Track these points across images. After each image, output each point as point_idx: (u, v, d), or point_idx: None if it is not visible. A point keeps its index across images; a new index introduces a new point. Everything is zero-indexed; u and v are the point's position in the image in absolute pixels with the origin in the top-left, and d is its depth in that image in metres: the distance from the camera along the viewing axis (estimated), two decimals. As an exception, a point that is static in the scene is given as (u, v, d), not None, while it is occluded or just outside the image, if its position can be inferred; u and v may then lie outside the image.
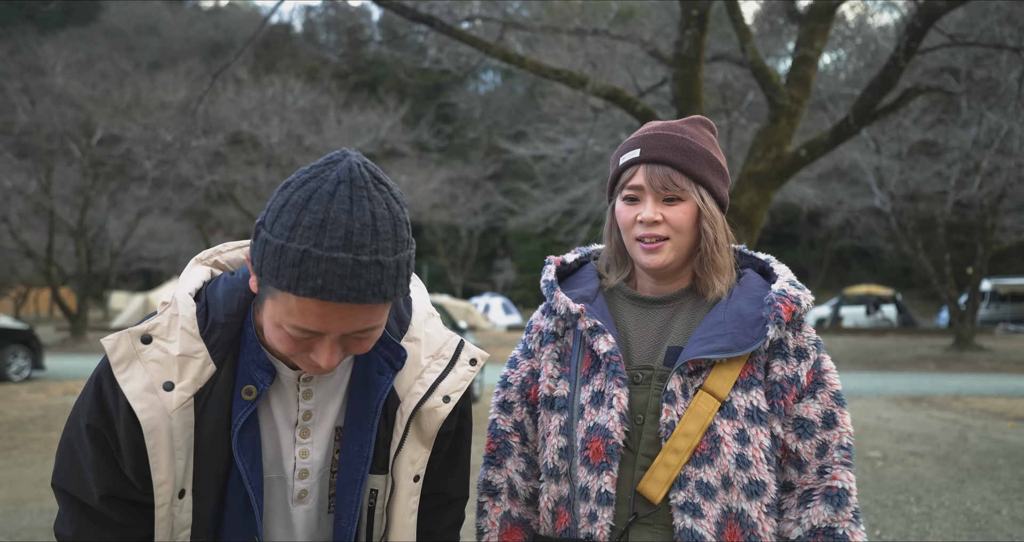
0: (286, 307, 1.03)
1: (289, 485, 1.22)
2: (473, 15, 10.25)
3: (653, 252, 1.37)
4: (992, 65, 11.18)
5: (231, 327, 1.16)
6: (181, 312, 1.15)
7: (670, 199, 1.37)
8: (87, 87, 21.64)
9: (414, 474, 1.25)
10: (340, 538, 1.22)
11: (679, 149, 1.37)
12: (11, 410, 9.69)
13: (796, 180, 19.43)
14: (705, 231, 1.38)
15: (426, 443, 1.26)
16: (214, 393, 1.14)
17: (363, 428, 1.21)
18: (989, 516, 5.23)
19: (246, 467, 1.15)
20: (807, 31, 7.86)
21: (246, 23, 38.22)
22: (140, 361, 1.12)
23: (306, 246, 0.98)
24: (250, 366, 1.16)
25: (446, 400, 1.24)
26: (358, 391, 1.22)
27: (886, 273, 36.30)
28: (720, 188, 1.41)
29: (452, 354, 1.29)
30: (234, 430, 1.14)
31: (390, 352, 1.22)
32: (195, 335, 1.14)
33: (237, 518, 1.18)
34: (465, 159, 34.14)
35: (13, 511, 5.26)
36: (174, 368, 1.12)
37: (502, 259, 40.97)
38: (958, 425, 8.78)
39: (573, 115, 18.73)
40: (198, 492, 1.15)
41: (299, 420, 1.21)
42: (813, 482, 1.35)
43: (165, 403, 1.10)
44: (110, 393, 1.13)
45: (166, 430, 1.10)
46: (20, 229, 22.27)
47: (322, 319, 1.02)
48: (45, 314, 38.69)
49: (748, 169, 7.75)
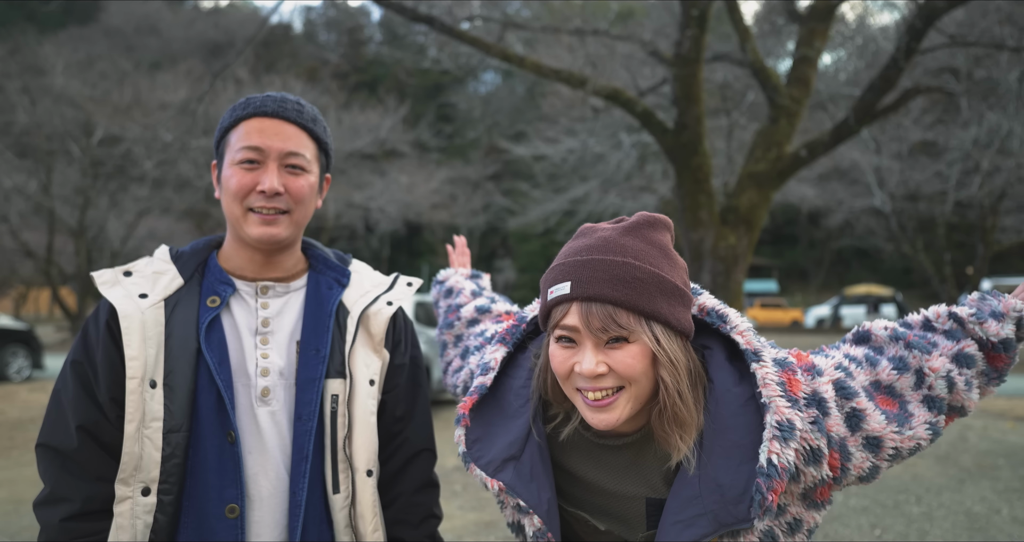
0: (238, 136, 1.37)
1: (252, 384, 1.36)
2: (473, 15, 10.25)
3: (602, 410, 1.10)
4: (992, 65, 11.18)
5: (197, 255, 1.45)
6: (156, 254, 1.45)
7: (615, 339, 1.09)
8: (87, 87, 21.63)
9: (369, 377, 1.41)
10: (300, 434, 1.34)
11: (620, 279, 1.08)
12: (11, 410, 9.69)
13: (796, 180, 19.44)
14: (663, 380, 1.09)
15: (376, 349, 1.44)
16: (182, 301, 1.37)
17: (318, 332, 1.40)
18: (989, 516, 5.23)
19: (214, 362, 1.32)
20: (807, 31, 7.86)
21: (246, 23, 38.20)
22: (121, 285, 1.38)
23: (246, 98, 1.42)
24: (213, 282, 1.41)
25: (389, 304, 1.48)
26: (311, 305, 1.44)
27: (886, 273, 36.27)
28: (680, 317, 1.11)
29: (390, 281, 1.55)
30: (201, 328, 1.34)
31: (336, 273, 1.49)
32: (166, 260, 1.43)
33: (211, 416, 1.31)
34: (465, 159, 34.14)
35: (13, 511, 5.26)
36: (148, 283, 1.38)
37: (502, 259, 40.95)
38: (958, 425, 8.78)
39: (573, 115, 18.74)
40: (168, 386, 1.30)
41: (258, 327, 1.40)
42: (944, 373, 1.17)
43: (139, 305, 1.34)
44: (92, 323, 1.36)
45: (139, 320, 1.32)
46: (20, 229, 22.26)
47: (262, 134, 1.36)
48: (45, 314, 38.68)
49: (748, 169, 7.75)
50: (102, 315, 1.36)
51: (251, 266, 1.44)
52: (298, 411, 1.35)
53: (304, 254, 1.52)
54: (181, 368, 1.30)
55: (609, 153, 18.10)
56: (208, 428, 1.30)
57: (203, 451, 1.30)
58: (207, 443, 1.30)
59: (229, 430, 1.30)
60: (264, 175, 1.36)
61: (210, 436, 1.30)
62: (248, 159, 1.36)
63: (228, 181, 1.37)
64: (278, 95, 1.42)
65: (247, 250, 1.43)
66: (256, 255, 1.43)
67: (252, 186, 1.36)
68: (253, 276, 1.44)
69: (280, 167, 1.38)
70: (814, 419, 1.09)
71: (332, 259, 1.52)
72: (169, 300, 1.36)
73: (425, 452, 1.52)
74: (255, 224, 1.38)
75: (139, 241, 26.45)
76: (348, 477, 1.37)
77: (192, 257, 1.44)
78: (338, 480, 1.36)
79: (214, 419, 1.30)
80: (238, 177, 1.37)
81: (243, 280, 1.43)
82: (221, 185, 1.41)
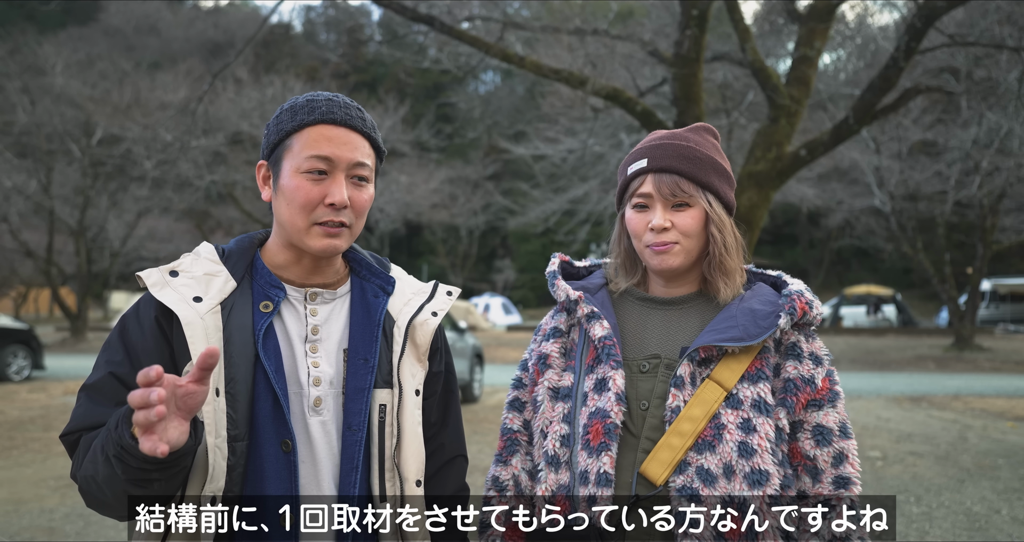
0: (303, 143, 1.33)
1: (305, 393, 1.34)
2: (473, 15, 10.25)
3: (664, 254, 1.41)
4: (992, 65, 11.17)
5: (244, 255, 1.40)
6: (202, 252, 1.40)
7: (678, 205, 1.41)
8: (87, 87, 21.63)
9: (415, 387, 1.41)
10: (350, 444, 1.33)
11: (685, 157, 1.41)
12: (11, 410, 9.69)
13: (796, 180, 19.43)
14: (713, 235, 1.41)
15: (420, 359, 1.43)
16: (236, 305, 1.33)
17: (367, 342, 1.38)
18: (989, 516, 5.23)
19: (272, 369, 1.30)
20: (807, 31, 7.86)
21: (246, 23, 38.17)
22: (170, 287, 1.32)
23: (306, 98, 1.37)
24: (264, 286, 1.38)
25: (434, 315, 1.46)
26: (359, 313, 1.42)
27: (886, 273, 36.28)
28: (726, 192, 1.45)
29: (431, 289, 1.52)
30: (258, 335, 1.31)
31: (381, 280, 1.46)
32: (215, 261, 1.38)
33: (268, 425, 1.29)
34: (465, 159, 34.11)
35: (13, 511, 5.26)
36: (201, 285, 1.33)
37: (502, 259, 40.93)
38: (958, 425, 8.78)
39: (573, 115, 18.73)
40: (230, 394, 1.27)
41: (308, 334, 1.38)
42: (830, 492, 1.37)
43: (197, 309, 1.29)
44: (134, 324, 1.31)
45: (201, 327, 1.27)
46: (20, 229, 22.29)
47: (332, 142, 1.33)
48: (45, 314, 38.68)
49: (748, 169, 7.75)
50: (148, 314, 1.31)
51: (299, 270, 1.41)
52: (348, 421, 1.33)
53: (343, 257, 1.49)
54: (242, 375, 1.28)
55: (609, 153, 18.10)
56: (265, 436, 1.29)
57: (260, 459, 1.28)
58: (264, 451, 1.28)
59: (285, 439, 1.29)
60: (333, 187, 1.32)
61: (266, 444, 1.28)
62: (318, 169, 1.32)
63: (294, 192, 1.33)
64: (339, 99, 1.38)
65: (297, 254, 1.40)
66: (305, 260, 1.40)
67: (320, 198, 1.32)
68: (301, 281, 1.41)
69: (346, 178, 1.34)
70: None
71: (375, 265, 1.48)
72: (225, 304, 1.32)
73: (459, 458, 1.52)
74: (319, 236, 1.34)
75: (139, 241, 26.47)
76: (396, 486, 1.36)
77: (240, 257, 1.40)
78: (385, 489, 1.35)
79: (270, 427, 1.29)
80: (305, 189, 1.32)
81: (291, 285, 1.40)
82: (279, 191, 1.36)
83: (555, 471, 1.42)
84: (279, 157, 1.36)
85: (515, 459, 1.54)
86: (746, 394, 1.34)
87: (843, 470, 1.38)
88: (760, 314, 1.38)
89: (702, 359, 1.37)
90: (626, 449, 1.37)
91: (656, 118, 8.05)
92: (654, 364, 1.41)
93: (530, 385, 1.55)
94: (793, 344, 1.40)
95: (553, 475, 1.42)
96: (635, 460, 1.36)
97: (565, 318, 1.53)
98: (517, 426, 1.55)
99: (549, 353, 1.51)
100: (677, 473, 1.32)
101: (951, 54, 11.48)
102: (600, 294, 1.50)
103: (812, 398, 1.39)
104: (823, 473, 1.38)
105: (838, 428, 1.39)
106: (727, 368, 1.36)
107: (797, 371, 1.38)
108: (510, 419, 1.56)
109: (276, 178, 1.37)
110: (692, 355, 1.36)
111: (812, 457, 1.38)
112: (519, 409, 1.56)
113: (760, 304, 1.40)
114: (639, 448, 1.36)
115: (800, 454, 1.39)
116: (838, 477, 1.38)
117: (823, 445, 1.38)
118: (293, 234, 1.36)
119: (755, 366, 1.36)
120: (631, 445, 1.37)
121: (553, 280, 1.52)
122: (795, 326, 1.41)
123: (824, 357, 1.41)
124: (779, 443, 1.36)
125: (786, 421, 1.38)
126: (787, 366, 1.39)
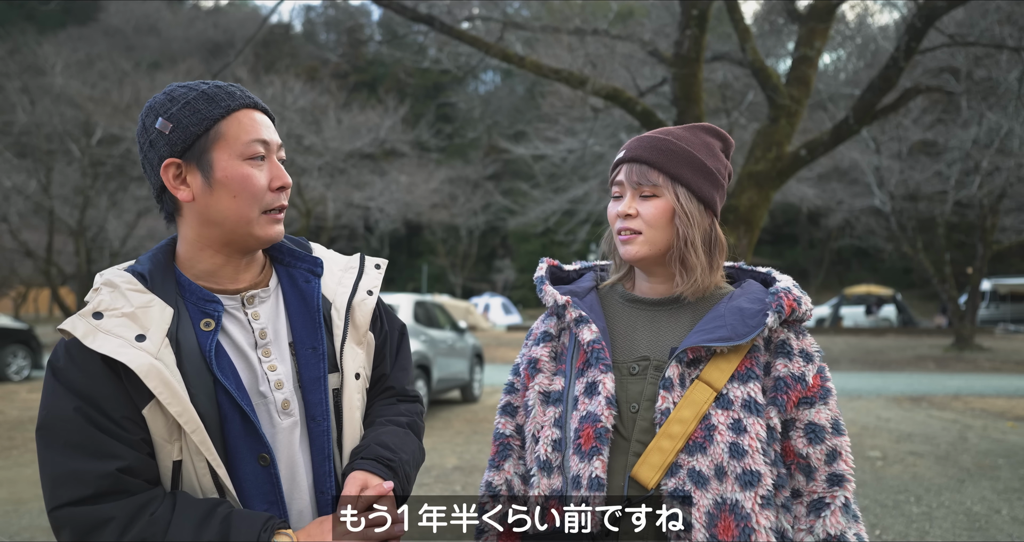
0: (238, 129, 1.25)
1: (271, 400, 1.30)
2: (473, 15, 10.25)
3: (628, 244, 1.43)
4: (992, 65, 11.18)
5: (167, 274, 1.29)
6: (118, 282, 1.25)
7: (647, 196, 1.42)
8: (87, 87, 21.63)
9: (355, 371, 1.38)
10: (318, 435, 1.31)
11: (658, 149, 1.42)
12: (11, 410, 9.69)
13: (796, 180, 19.43)
14: (677, 228, 1.41)
15: (360, 340, 1.41)
16: (180, 332, 1.23)
17: (311, 329, 1.34)
18: (989, 516, 5.23)
19: (233, 387, 1.23)
20: (807, 31, 7.86)
21: (246, 23, 38.17)
22: (101, 332, 1.18)
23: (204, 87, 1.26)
24: (197, 302, 1.28)
25: (370, 293, 1.43)
26: (295, 303, 1.37)
27: (886, 273, 36.29)
28: (702, 188, 1.42)
29: (358, 263, 1.47)
30: (209, 357, 1.23)
31: (308, 263, 1.40)
32: (141, 290, 1.24)
33: (240, 442, 1.24)
34: (465, 159, 34.12)
35: (13, 511, 5.26)
36: (136, 322, 1.20)
37: (502, 259, 40.95)
38: (958, 425, 8.78)
39: (573, 115, 18.73)
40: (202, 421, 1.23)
41: (257, 340, 1.32)
42: (823, 490, 1.37)
43: (148, 349, 1.17)
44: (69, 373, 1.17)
45: (158, 371, 1.16)
46: (20, 229, 22.30)
47: (261, 124, 1.27)
48: (45, 314, 38.67)
49: (748, 169, 7.74)
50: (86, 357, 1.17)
51: (229, 271, 1.32)
52: (311, 413, 1.31)
53: None
54: (203, 403, 1.21)
55: (609, 153, 18.09)
56: (240, 456, 1.25)
57: (239, 481, 1.25)
58: (241, 471, 1.25)
59: (262, 453, 1.25)
60: (276, 170, 1.29)
61: (244, 464, 1.25)
62: (259, 155, 1.26)
63: (244, 180, 1.24)
64: (236, 86, 1.31)
65: (226, 256, 1.31)
66: (232, 259, 1.31)
67: (268, 183, 1.27)
68: (232, 286, 1.33)
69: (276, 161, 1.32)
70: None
71: (296, 248, 1.41)
72: (170, 334, 1.21)
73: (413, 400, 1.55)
74: (268, 224, 1.29)
75: (139, 241, 26.48)
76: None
77: (165, 278, 1.28)
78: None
79: (243, 445, 1.25)
80: (256, 176, 1.25)
81: (224, 293, 1.31)
82: (216, 185, 1.24)
83: (547, 476, 1.42)
84: (203, 149, 1.24)
85: (508, 464, 1.54)
86: (736, 394, 1.34)
87: (837, 467, 1.37)
88: (748, 313, 1.37)
89: (691, 360, 1.37)
90: (617, 452, 1.36)
91: (656, 118, 8.04)
92: (643, 366, 1.41)
93: (522, 390, 1.54)
94: (783, 342, 1.39)
95: (546, 480, 1.42)
96: (627, 463, 1.36)
97: (555, 322, 1.53)
98: (509, 431, 1.55)
99: (539, 357, 1.51)
100: (668, 476, 1.31)
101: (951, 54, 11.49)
102: (589, 297, 1.50)
103: (803, 396, 1.38)
104: (817, 471, 1.37)
105: (831, 425, 1.38)
106: (716, 368, 1.35)
107: (787, 369, 1.37)
108: (502, 424, 1.56)
109: (207, 172, 1.24)
110: (680, 356, 1.36)
111: (805, 455, 1.37)
112: (511, 414, 1.56)
113: (748, 302, 1.39)
114: (630, 451, 1.36)
115: (793, 452, 1.38)
116: (832, 474, 1.37)
117: (816, 443, 1.37)
118: (240, 228, 1.27)
119: (745, 365, 1.36)
120: (622, 448, 1.37)
121: (541, 285, 1.52)
122: (784, 323, 1.39)
123: (815, 354, 1.40)
124: (771, 443, 1.35)
125: (777, 420, 1.36)
126: (777, 364, 1.38)
